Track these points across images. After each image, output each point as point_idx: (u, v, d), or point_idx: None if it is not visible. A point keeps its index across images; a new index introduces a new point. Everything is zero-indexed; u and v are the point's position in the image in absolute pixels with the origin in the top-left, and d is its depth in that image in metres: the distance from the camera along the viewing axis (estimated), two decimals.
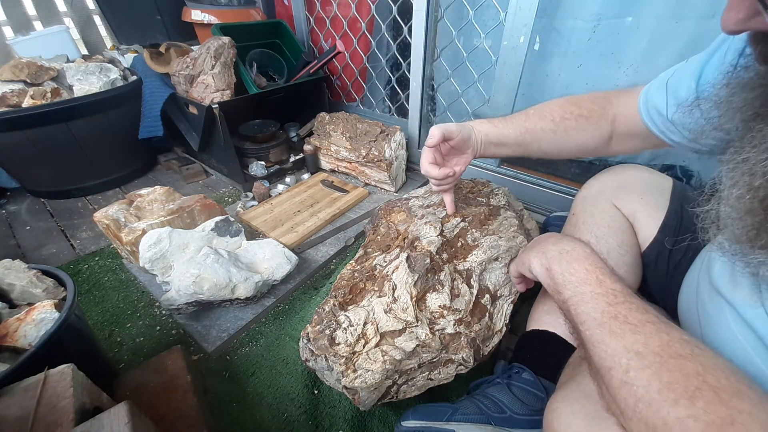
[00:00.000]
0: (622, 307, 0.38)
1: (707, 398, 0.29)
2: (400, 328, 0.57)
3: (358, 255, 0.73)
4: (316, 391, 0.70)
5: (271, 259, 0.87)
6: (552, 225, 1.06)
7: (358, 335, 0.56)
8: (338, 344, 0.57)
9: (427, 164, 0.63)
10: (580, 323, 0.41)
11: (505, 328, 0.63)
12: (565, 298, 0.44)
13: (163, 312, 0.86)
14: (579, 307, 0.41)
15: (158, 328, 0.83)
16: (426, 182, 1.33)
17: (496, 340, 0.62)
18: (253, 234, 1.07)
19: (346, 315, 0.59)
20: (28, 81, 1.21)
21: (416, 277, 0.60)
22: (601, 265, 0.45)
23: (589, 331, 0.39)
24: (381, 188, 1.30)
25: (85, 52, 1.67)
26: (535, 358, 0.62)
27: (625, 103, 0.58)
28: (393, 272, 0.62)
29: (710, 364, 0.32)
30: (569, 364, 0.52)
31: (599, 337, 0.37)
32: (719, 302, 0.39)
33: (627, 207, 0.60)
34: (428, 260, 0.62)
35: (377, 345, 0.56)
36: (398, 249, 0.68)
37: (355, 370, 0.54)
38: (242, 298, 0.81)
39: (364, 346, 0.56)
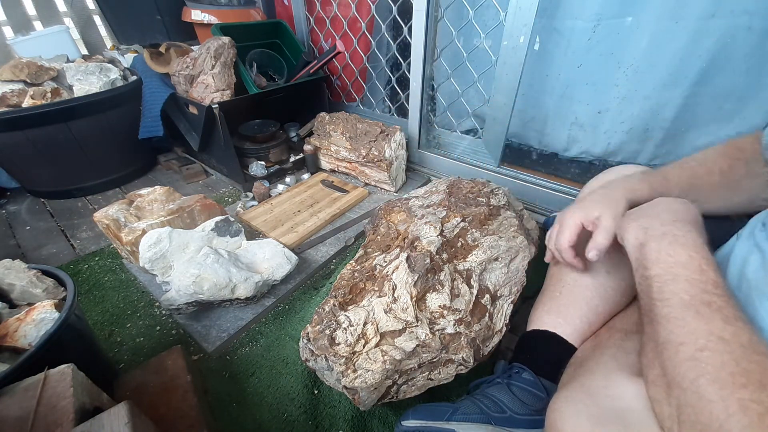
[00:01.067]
0: (718, 299, 0.37)
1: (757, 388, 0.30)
2: (400, 328, 0.57)
3: (358, 255, 0.73)
4: (316, 391, 0.70)
5: (271, 259, 0.87)
6: (552, 225, 1.06)
7: (358, 335, 0.56)
8: (338, 344, 0.57)
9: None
10: (659, 299, 0.39)
11: (505, 328, 0.63)
12: (652, 275, 0.41)
13: (163, 312, 0.86)
14: (667, 285, 0.40)
15: (158, 328, 0.83)
16: (426, 182, 1.34)
17: (496, 340, 0.62)
18: (253, 234, 1.07)
19: (346, 315, 0.59)
20: (28, 81, 1.21)
21: (416, 277, 0.60)
22: (708, 257, 0.42)
23: (670, 308, 0.38)
24: (381, 188, 1.30)
25: (85, 52, 1.67)
26: (536, 358, 0.62)
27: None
28: (393, 272, 0.62)
29: None
30: (571, 364, 0.52)
31: (679, 315, 0.37)
32: (758, 297, 0.39)
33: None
34: (428, 260, 0.62)
35: (377, 345, 0.56)
36: (398, 249, 0.68)
37: (355, 370, 0.54)
38: (242, 298, 0.81)
39: (364, 346, 0.56)
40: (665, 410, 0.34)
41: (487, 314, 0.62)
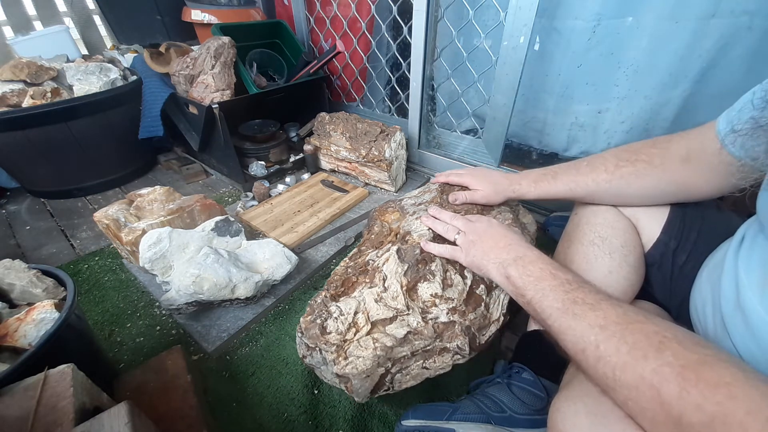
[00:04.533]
0: (579, 292, 0.42)
1: (673, 348, 0.32)
2: (391, 316, 0.57)
3: (352, 253, 0.73)
4: (316, 391, 0.70)
5: (271, 259, 0.87)
6: (552, 225, 1.06)
7: (349, 324, 0.57)
8: (329, 333, 0.57)
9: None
10: (547, 318, 0.43)
11: (502, 318, 0.63)
12: (529, 299, 0.46)
13: (163, 312, 0.86)
14: (542, 303, 0.44)
15: (158, 328, 0.83)
16: (423, 184, 1.34)
17: (493, 329, 0.62)
18: (253, 234, 1.07)
19: (337, 305, 0.59)
20: (28, 81, 1.21)
21: (406, 267, 0.60)
22: (551, 262, 0.49)
23: (557, 322, 0.41)
24: (381, 188, 1.30)
25: (85, 52, 1.67)
26: (536, 358, 0.62)
27: (696, 136, 0.52)
28: (384, 264, 0.62)
29: (665, 325, 0.35)
30: (572, 364, 0.52)
31: (566, 324, 0.40)
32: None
33: (629, 208, 0.60)
34: (418, 251, 0.62)
35: (368, 333, 0.56)
36: (390, 243, 0.69)
37: (346, 357, 0.54)
38: (242, 298, 0.81)
39: (355, 335, 0.56)
40: (626, 411, 0.35)
41: (483, 304, 0.61)
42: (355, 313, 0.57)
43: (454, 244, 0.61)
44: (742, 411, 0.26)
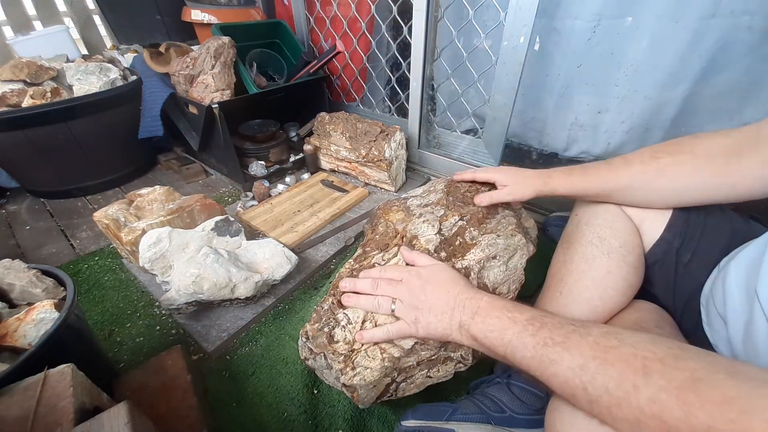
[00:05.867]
0: (544, 331, 0.40)
1: (657, 369, 0.31)
2: None
3: (356, 254, 0.73)
4: (315, 391, 0.70)
5: (271, 259, 0.87)
6: (552, 225, 1.06)
7: (357, 333, 0.57)
8: (337, 342, 0.57)
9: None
10: (527, 368, 0.41)
11: None
12: (503, 356, 0.43)
13: (163, 312, 0.86)
14: (515, 356, 0.41)
15: (158, 328, 0.83)
16: (425, 182, 1.34)
17: None
18: (253, 234, 1.07)
19: (344, 313, 0.59)
20: (28, 81, 1.21)
21: None
22: (504, 304, 0.46)
23: (537, 371, 0.39)
24: (381, 188, 1.30)
25: (85, 52, 1.67)
26: None
27: (751, 131, 0.46)
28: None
29: (635, 339, 0.34)
30: None
31: (547, 372, 0.38)
32: None
33: (631, 208, 0.60)
34: None
35: (376, 343, 0.56)
36: (396, 247, 0.68)
37: (353, 368, 0.54)
38: (242, 297, 0.81)
39: (362, 344, 0.56)
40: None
41: None
42: (363, 321, 0.57)
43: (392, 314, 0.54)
44: (759, 421, 0.25)
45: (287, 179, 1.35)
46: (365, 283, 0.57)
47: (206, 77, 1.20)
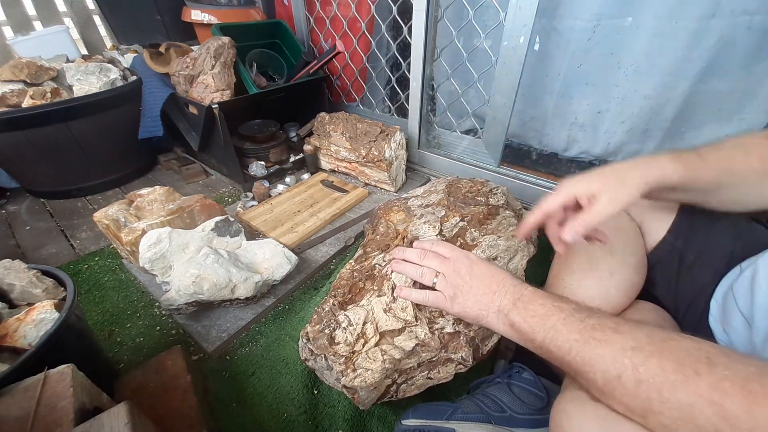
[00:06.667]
0: (593, 319, 0.40)
1: (723, 362, 0.30)
2: (400, 327, 0.57)
3: (357, 254, 0.73)
4: (315, 391, 0.70)
5: (271, 259, 0.87)
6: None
7: (358, 334, 0.56)
8: (338, 343, 0.56)
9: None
10: (566, 354, 0.40)
11: None
12: (540, 342, 0.43)
13: (163, 312, 0.86)
14: (557, 341, 0.41)
15: (158, 328, 0.83)
16: (425, 182, 1.34)
17: (495, 339, 0.62)
18: (253, 234, 1.07)
19: (345, 314, 0.59)
20: (28, 81, 1.21)
21: None
22: (547, 294, 0.46)
23: (580, 354, 0.39)
24: (381, 188, 1.30)
25: (85, 52, 1.67)
26: (536, 357, 0.62)
27: None
28: (392, 272, 0.62)
29: (699, 340, 0.33)
30: None
31: (591, 353, 0.38)
32: None
33: (635, 209, 0.60)
34: None
35: (377, 344, 0.56)
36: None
37: (354, 370, 0.54)
38: (242, 298, 0.81)
39: (363, 346, 0.56)
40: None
41: None
42: (364, 323, 0.57)
43: (432, 288, 0.55)
44: None
45: (287, 179, 1.35)
46: (414, 252, 0.59)
47: (206, 77, 1.20)
